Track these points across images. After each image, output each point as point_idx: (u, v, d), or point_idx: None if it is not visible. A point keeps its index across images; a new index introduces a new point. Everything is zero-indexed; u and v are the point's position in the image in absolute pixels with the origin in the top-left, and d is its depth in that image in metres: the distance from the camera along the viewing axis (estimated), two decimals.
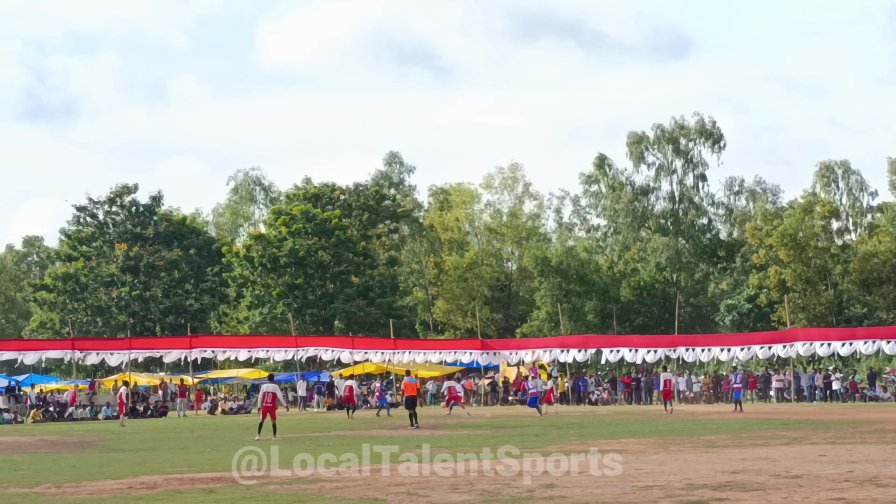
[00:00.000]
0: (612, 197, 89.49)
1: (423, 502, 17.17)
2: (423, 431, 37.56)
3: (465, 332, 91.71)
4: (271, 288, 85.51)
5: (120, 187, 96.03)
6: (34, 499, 18.90)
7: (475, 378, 73.98)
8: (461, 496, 17.72)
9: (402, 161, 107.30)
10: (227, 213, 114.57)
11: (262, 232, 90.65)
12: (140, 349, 69.96)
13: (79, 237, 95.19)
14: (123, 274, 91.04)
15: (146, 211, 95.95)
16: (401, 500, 17.47)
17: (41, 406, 62.77)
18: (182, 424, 49.58)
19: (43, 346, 71.09)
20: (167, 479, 21.45)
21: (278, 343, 73.43)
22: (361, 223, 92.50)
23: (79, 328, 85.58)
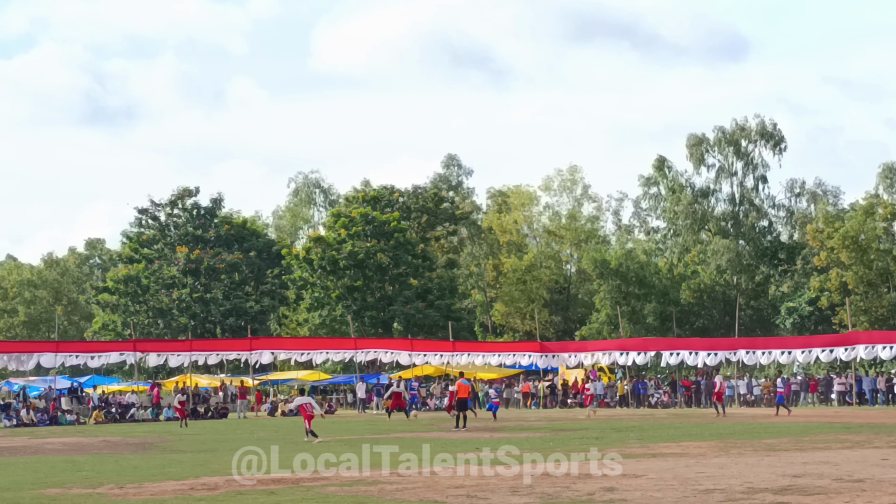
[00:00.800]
0: (671, 199, 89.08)
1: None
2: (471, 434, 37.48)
3: (524, 334, 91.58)
4: (330, 290, 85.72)
5: (181, 190, 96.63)
6: (97, 499, 19.07)
7: (534, 381, 73.84)
8: (521, 499, 17.71)
9: (460, 163, 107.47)
10: (286, 215, 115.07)
11: (321, 234, 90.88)
12: (200, 351, 70.23)
13: (140, 240, 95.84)
14: (184, 276, 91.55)
15: (207, 213, 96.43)
16: (460, 502, 17.48)
17: (103, 407, 63.26)
18: (242, 426, 49.84)
19: (105, 347, 71.50)
20: (228, 480, 21.56)
21: (337, 345, 73.58)
22: (420, 225, 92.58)
23: (140, 330, 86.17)
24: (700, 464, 23.59)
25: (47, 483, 22.06)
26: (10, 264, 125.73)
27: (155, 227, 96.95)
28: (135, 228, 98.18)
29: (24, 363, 64.75)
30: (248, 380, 71.03)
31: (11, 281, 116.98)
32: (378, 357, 71.97)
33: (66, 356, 65.85)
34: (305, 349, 72.72)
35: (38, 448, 35.58)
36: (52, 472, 24.89)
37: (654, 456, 26.02)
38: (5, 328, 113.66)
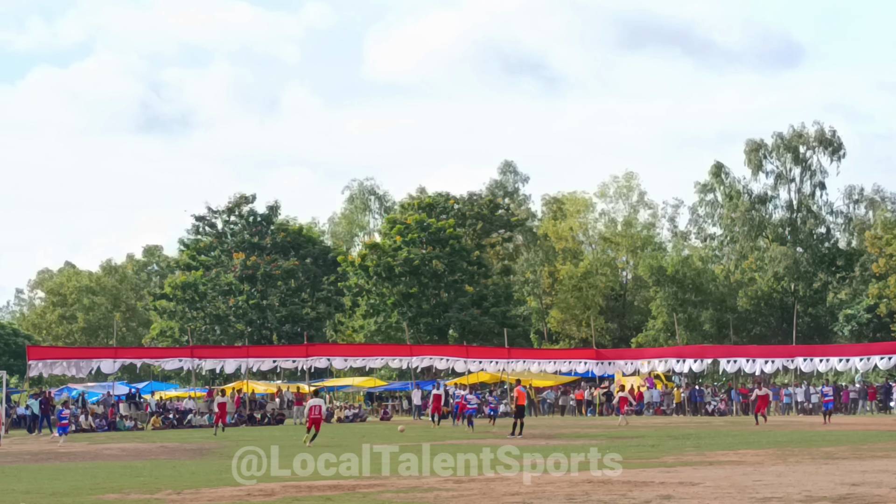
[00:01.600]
0: (728, 205, 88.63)
1: None
2: (528, 441, 37.42)
3: (580, 341, 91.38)
4: (386, 297, 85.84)
5: (238, 197, 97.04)
6: None
7: (590, 387, 73.67)
8: None
9: (516, 170, 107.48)
10: (342, 222, 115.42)
11: (376, 241, 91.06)
12: (257, 357, 70.66)
13: (198, 247, 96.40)
14: (241, 283, 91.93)
15: (263, 220, 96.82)
16: None
17: (161, 413, 63.67)
18: (299, 432, 50.00)
19: (163, 353, 72.10)
20: (284, 486, 21.64)
21: (393, 352, 73.64)
22: (475, 232, 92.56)
23: (197, 336, 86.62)
24: (758, 472, 23.46)
25: (106, 488, 22.23)
26: (68, 271, 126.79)
27: (212, 234, 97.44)
28: (192, 235, 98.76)
29: (82, 369, 65.38)
30: (305, 386, 71.18)
31: (70, 287, 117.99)
32: (433, 364, 72.03)
33: (126, 361, 66.52)
34: (361, 356, 72.91)
35: (96, 453, 35.88)
36: (110, 478, 25.08)
37: (711, 464, 25.90)
38: (64, 334, 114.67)
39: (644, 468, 24.71)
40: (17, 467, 30.22)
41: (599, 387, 73.28)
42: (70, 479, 25.18)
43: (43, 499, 20.53)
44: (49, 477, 25.90)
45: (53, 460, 32.84)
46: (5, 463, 32.07)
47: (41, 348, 77.79)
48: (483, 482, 21.66)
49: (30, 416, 59.97)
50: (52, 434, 51.73)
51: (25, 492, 21.98)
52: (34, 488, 22.75)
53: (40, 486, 23.17)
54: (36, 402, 59.34)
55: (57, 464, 31.39)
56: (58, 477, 25.84)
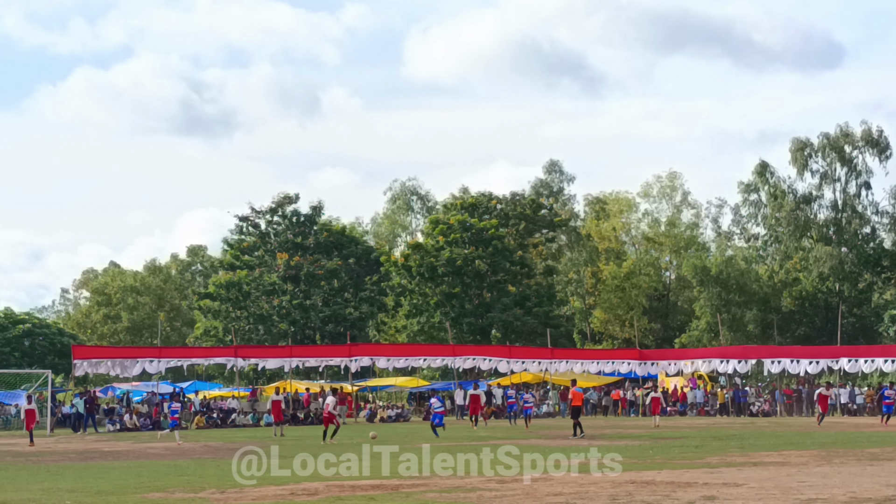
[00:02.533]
0: (773, 205, 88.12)
1: None
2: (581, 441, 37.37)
3: (623, 341, 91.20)
4: (429, 297, 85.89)
5: (281, 197, 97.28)
6: (199, 503, 19.29)
7: (632, 388, 73.51)
8: None
9: (562, 169, 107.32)
10: (384, 222, 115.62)
11: (419, 241, 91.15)
12: (300, 357, 70.90)
13: (241, 247, 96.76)
14: (284, 283, 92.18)
15: (307, 221, 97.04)
16: None
17: (205, 412, 63.97)
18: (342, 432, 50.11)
19: (207, 353, 72.40)
20: (328, 485, 21.68)
21: (436, 352, 73.67)
22: (518, 232, 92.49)
23: (241, 336, 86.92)
24: (802, 473, 23.34)
25: (150, 487, 22.35)
26: (113, 271, 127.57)
27: (256, 234, 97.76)
28: (236, 235, 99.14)
29: (127, 369, 65.72)
30: (348, 385, 71.37)
31: (115, 287, 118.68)
32: (476, 364, 72.04)
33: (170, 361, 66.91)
34: (404, 355, 72.91)
35: (141, 452, 36.09)
36: (154, 477, 25.22)
37: (755, 465, 25.78)
38: (109, 334, 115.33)
39: (688, 469, 24.63)
40: (62, 466, 30.43)
41: (643, 387, 73.14)
42: (115, 477, 25.33)
43: (88, 497, 20.66)
44: (94, 476, 26.07)
45: (98, 459, 33.05)
46: (51, 461, 32.30)
47: (86, 348, 78.27)
48: (526, 482, 21.63)
49: (74, 414, 60.42)
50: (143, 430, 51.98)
51: (71, 490, 22.13)
52: (79, 487, 22.89)
53: (85, 485, 23.32)
54: (81, 402, 59.76)
55: (102, 463, 31.58)
56: (103, 476, 26.00)
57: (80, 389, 71.24)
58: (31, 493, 21.55)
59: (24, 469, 29.12)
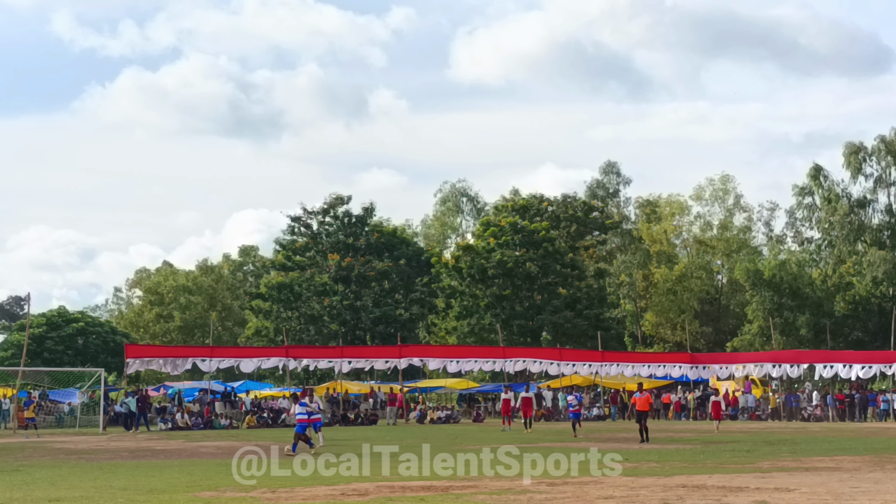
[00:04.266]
0: (827, 209, 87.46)
1: None
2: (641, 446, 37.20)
3: (674, 345, 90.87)
4: (479, 299, 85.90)
5: (333, 198, 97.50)
6: (250, 502, 19.37)
7: (685, 392, 73.23)
8: None
9: (619, 171, 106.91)
10: (435, 224, 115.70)
11: (470, 243, 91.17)
12: (351, 357, 71.01)
13: (293, 247, 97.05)
14: (335, 283, 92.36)
15: (358, 222, 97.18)
16: None
17: (256, 412, 64.25)
18: (391, 433, 50.22)
19: (258, 353, 72.67)
20: (378, 486, 21.73)
21: (486, 354, 73.66)
22: (569, 234, 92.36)
23: (292, 336, 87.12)
24: (854, 478, 23.16)
25: (201, 486, 22.45)
26: (165, 270, 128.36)
27: (307, 234, 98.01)
28: (288, 236, 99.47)
29: (179, 367, 66.11)
30: (398, 386, 71.48)
31: (167, 287, 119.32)
32: (526, 366, 71.94)
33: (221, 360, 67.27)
34: (454, 357, 72.82)
35: (192, 451, 36.29)
36: (206, 475, 25.34)
37: (807, 470, 25.62)
38: (161, 333, 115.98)
39: (739, 473, 24.51)
40: (114, 464, 30.63)
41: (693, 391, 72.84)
42: (166, 476, 25.48)
43: (140, 496, 20.79)
44: (146, 474, 26.24)
45: (150, 457, 33.26)
46: (103, 460, 32.53)
47: (139, 346, 78.77)
48: (576, 485, 21.60)
49: (126, 413, 60.75)
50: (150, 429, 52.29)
51: (123, 488, 22.28)
52: (131, 485, 23.04)
53: (137, 483, 23.47)
54: (133, 400, 60.12)
55: (154, 461, 31.77)
56: (154, 474, 26.16)
57: (132, 388, 71.75)
58: (84, 491, 21.72)
59: (77, 467, 29.36)
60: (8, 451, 38.63)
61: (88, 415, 62.59)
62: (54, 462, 31.54)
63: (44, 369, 69.62)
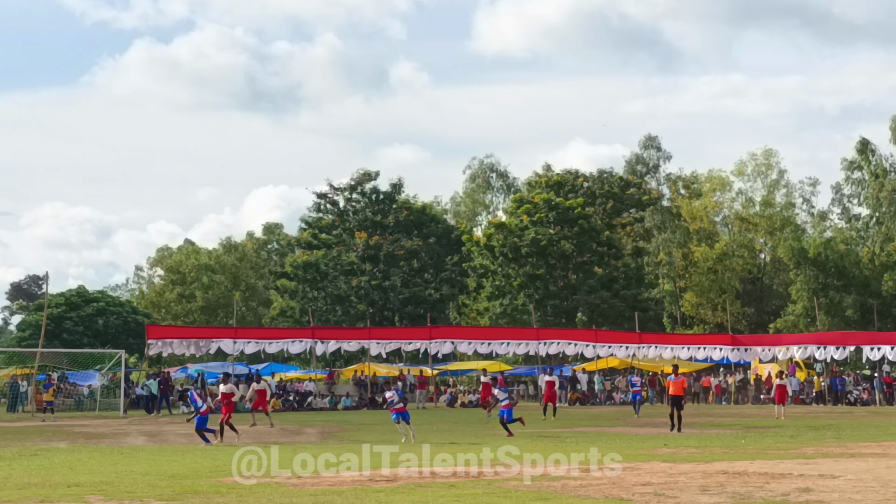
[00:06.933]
0: (874, 185, 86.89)
1: (670, 503, 17.05)
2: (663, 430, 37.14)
3: (715, 326, 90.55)
4: (512, 278, 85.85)
5: (360, 174, 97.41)
6: (274, 489, 19.44)
7: (725, 375, 73.04)
8: (711, 498, 17.54)
9: (659, 146, 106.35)
10: (465, 201, 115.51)
11: (502, 220, 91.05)
12: (379, 339, 70.96)
13: (319, 225, 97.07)
14: (363, 262, 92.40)
15: (386, 198, 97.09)
16: (647, 500, 17.37)
17: (281, 395, 64.37)
18: (422, 417, 50.28)
19: (283, 334, 72.72)
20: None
21: (519, 335, 73.43)
22: (605, 211, 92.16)
23: (318, 317, 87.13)
24: None
25: (225, 471, 22.52)
26: (187, 248, 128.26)
27: (334, 212, 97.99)
28: (313, 213, 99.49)
29: (202, 349, 66.26)
30: (428, 369, 71.52)
31: (189, 266, 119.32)
32: (561, 349, 71.80)
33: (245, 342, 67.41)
34: (485, 339, 72.66)
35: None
36: (229, 461, 25.40)
37: (853, 456, 25.53)
38: (183, 313, 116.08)
39: (782, 459, 24.44)
40: (135, 448, 30.80)
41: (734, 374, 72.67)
42: (189, 461, 25.59)
43: (161, 481, 20.90)
44: (168, 459, 26.36)
45: (172, 442, 33.40)
46: (124, 444, 32.70)
47: (160, 327, 79.06)
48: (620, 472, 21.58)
49: (147, 396, 60.85)
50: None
51: (144, 473, 22.39)
52: (153, 470, 23.15)
53: (159, 468, 23.57)
54: (154, 382, 60.30)
55: (175, 445, 31.91)
56: (176, 459, 26.28)
57: (153, 370, 71.98)
58: (104, 476, 21.83)
59: (96, 451, 29.52)
60: (26, 434, 38.90)
61: (109, 398, 62.81)
62: (73, 446, 31.73)
63: (63, 351, 69.88)
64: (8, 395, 66.46)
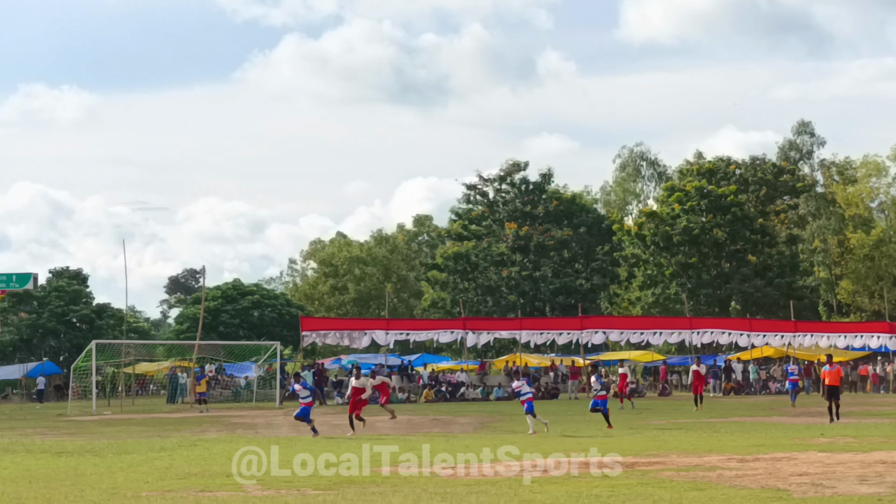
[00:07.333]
0: None
1: (827, 493, 16.84)
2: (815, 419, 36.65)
3: (872, 314, 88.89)
4: (664, 267, 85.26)
5: (510, 165, 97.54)
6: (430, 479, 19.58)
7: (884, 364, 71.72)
8: (869, 488, 17.29)
9: (812, 132, 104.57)
10: (615, 189, 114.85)
11: (653, 209, 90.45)
12: (530, 329, 71.02)
13: (470, 216, 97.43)
14: (513, 253, 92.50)
15: (536, 189, 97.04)
16: (804, 490, 17.19)
17: (433, 386, 64.76)
18: (573, 407, 50.19)
19: (434, 325, 73.13)
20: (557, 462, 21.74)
21: (671, 325, 72.97)
22: (759, 199, 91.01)
23: (469, 307, 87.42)
24: None
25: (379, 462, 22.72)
26: (339, 241, 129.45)
27: (483, 203, 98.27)
28: (463, 205, 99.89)
29: (355, 340, 66.98)
30: (580, 360, 71.36)
31: (341, 258, 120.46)
32: (714, 338, 71.18)
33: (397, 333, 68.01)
34: (638, 328, 72.38)
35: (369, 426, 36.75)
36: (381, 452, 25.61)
37: None
38: (336, 305, 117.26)
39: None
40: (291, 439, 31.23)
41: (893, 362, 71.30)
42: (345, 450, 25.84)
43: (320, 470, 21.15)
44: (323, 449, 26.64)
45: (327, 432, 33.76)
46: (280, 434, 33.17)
47: (314, 319, 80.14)
48: (769, 461, 21.40)
49: None
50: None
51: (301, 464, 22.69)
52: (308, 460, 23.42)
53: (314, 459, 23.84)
54: (309, 374, 61.06)
55: (330, 436, 32.23)
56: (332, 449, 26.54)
57: (308, 361, 72.90)
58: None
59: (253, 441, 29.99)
60: (186, 424, 39.72)
61: (265, 388, 63.76)
62: (231, 436, 32.28)
63: (220, 343, 71.07)
64: (168, 386, 67.92)
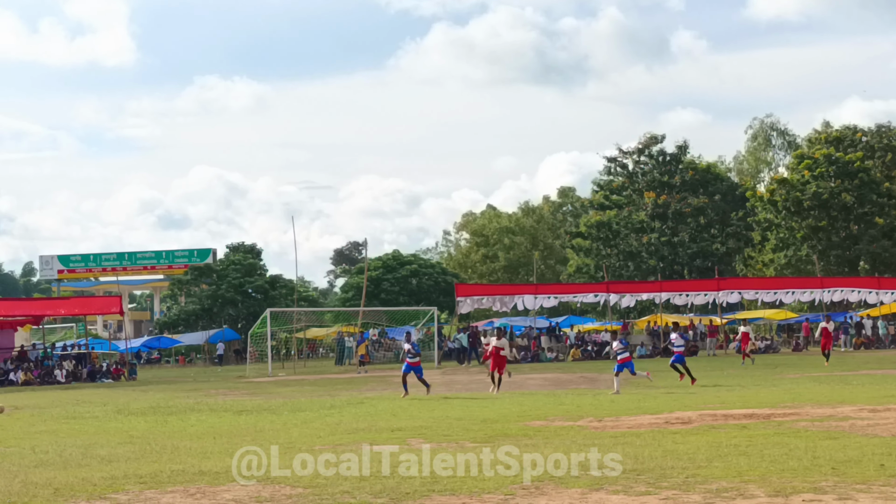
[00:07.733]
0: None
1: None
2: None
3: None
4: (795, 231, 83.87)
5: (647, 138, 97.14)
6: (577, 431, 19.56)
7: None
8: None
9: None
10: (748, 159, 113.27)
11: (784, 176, 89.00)
12: (669, 291, 70.88)
13: (611, 187, 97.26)
14: (652, 221, 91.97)
15: (672, 160, 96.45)
16: None
17: (580, 345, 64.69)
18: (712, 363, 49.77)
19: (580, 289, 73.22)
20: (701, 414, 21.59)
21: (803, 284, 72.11)
22: (885, 164, 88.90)
23: (612, 272, 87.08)
24: None
25: (531, 416, 22.79)
26: (489, 213, 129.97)
27: (623, 174, 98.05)
28: (604, 177, 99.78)
29: (506, 304, 67.46)
30: (717, 318, 70.79)
31: (492, 229, 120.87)
32: (844, 296, 70.07)
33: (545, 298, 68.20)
34: (771, 289, 71.76)
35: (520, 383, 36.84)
36: (535, 406, 25.69)
37: None
38: (487, 273, 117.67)
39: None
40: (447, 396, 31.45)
41: None
42: (498, 407, 25.95)
43: (475, 424, 21.26)
44: (479, 405, 26.79)
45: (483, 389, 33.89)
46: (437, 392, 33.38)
47: (468, 286, 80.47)
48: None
49: (458, 348, 62.30)
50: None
51: (458, 418, 22.83)
52: (466, 415, 23.58)
53: (472, 414, 23.99)
54: (464, 336, 61.49)
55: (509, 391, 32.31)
56: (487, 405, 26.68)
57: (463, 325, 73.31)
58: (423, 421, 22.36)
59: (415, 399, 30.26)
60: (353, 384, 40.43)
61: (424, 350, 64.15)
62: (394, 394, 32.58)
63: (382, 309, 71.83)
64: (336, 349, 69.04)
